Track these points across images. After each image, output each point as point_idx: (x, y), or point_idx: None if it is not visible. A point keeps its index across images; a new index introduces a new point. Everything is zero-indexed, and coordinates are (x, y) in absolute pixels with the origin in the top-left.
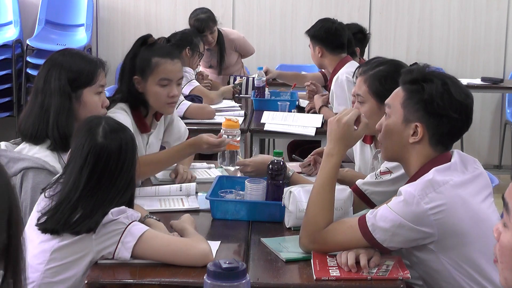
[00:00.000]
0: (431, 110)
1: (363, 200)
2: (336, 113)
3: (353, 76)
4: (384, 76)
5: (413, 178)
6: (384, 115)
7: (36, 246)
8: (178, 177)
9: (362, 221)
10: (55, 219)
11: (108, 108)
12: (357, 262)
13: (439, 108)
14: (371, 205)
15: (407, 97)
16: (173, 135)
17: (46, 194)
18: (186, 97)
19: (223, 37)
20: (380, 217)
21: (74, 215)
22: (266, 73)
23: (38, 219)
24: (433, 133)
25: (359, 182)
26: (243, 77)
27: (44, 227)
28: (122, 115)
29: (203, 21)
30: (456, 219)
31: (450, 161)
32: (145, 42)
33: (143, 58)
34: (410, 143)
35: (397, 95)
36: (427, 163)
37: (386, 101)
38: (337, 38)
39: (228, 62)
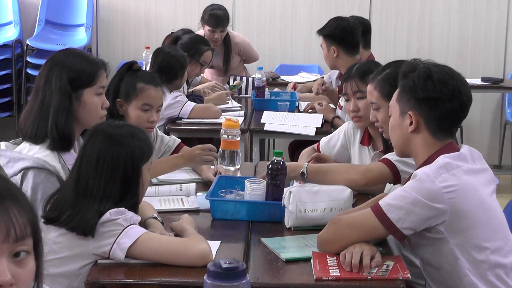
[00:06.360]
0: (417, 96)
1: (395, 176)
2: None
3: (341, 78)
4: (392, 78)
5: (422, 166)
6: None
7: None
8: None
9: (376, 204)
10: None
11: None
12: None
13: (423, 92)
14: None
15: (400, 91)
16: (160, 151)
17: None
18: (188, 97)
19: (230, 39)
20: (395, 196)
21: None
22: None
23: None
24: (427, 118)
25: (389, 155)
26: (243, 78)
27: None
28: None
29: (219, 17)
30: (467, 202)
31: (458, 151)
32: (130, 68)
33: (128, 83)
34: (410, 133)
35: (394, 94)
36: (434, 153)
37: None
38: (353, 38)
39: (229, 65)
